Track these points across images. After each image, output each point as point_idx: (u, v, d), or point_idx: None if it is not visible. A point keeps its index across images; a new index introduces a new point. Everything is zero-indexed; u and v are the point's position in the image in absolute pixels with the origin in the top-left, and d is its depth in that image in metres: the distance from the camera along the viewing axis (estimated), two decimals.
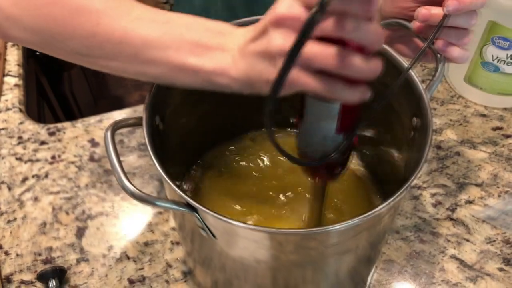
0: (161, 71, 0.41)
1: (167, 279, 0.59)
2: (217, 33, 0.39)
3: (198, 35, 0.39)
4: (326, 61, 0.33)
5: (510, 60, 0.69)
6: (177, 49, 0.39)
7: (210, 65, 0.38)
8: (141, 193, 0.41)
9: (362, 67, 0.33)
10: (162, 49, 0.39)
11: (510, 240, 0.63)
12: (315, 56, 0.33)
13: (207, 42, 0.39)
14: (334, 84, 0.34)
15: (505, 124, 0.75)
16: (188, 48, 0.39)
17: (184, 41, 0.39)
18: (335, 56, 0.33)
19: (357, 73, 0.33)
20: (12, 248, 0.61)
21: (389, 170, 0.57)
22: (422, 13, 0.49)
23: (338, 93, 0.35)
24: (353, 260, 0.49)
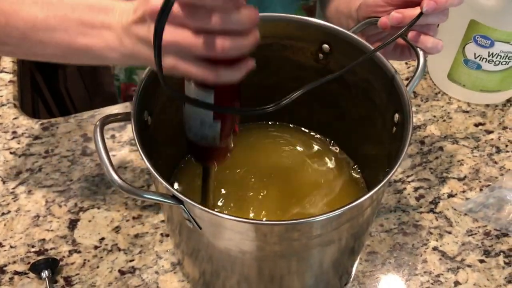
0: (52, 52, 0.43)
1: (157, 270, 0.61)
2: (100, 11, 0.41)
3: (82, 14, 0.41)
4: (197, 48, 0.35)
5: (491, 58, 0.70)
6: (65, 30, 0.41)
7: (99, 43, 0.40)
8: (129, 185, 0.42)
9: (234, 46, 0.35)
10: (49, 31, 0.41)
11: (491, 232, 0.64)
12: (188, 44, 0.35)
13: (92, 20, 0.40)
14: (214, 69, 0.36)
15: (487, 120, 0.76)
16: (75, 28, 0.41)
17: (70, 21, 0.41)
18: (205, 42, 0.35)
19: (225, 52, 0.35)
20: (6, 240, 0.63)
21: (372, 164, 0.59)
22: (395, 17, 0.50)
23: (220, 76, 0.37)
24: (336, 252, 0.50)
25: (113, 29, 0.40)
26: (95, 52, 0.41)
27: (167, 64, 0.37)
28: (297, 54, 0.57)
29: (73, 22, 0.41)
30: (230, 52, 0.35)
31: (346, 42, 0.53)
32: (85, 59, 0.43)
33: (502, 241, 0.64)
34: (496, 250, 0.63)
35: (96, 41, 0.41)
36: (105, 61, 0.42)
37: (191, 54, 0.36)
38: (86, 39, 0.41)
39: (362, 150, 0.62)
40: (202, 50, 0.35)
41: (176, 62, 0.37)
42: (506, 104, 0.79)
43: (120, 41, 0.39)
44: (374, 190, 0.41)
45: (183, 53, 0.36)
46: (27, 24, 0.42)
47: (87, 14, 0.41)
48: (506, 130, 0.75)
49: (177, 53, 0.36)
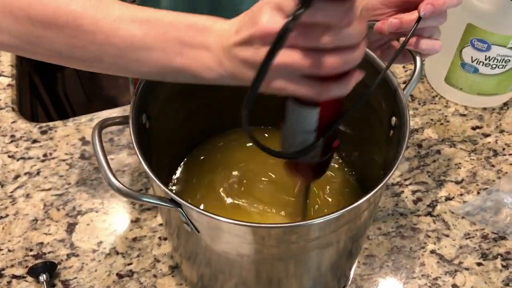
0: (148, 70, 0.41)
1: (155, 273, 0.61)
2: (200, 30, 0.39)
3: (181, 34, 0.39)
4: (308, 68, 0.34)
5: (488, 61, 0.71)
6: (162, 50, 0.40)
7: (196, 64, 0.39)
8: (127, 189, 0.42)
9: (344, 62, 0.34)
10: (147, 50, 0.40)
11: (488, 235, 0.65)
12: (298, 65, 0.34)
13: (191, 40, 0.39)
14: (323, 85, 0.35)
15: (484, 124, 0.77)
16: (173, 48, 0.39)
17: (168, 41, 0.39)
18: (316, 62, 0.34)
19: (336, 69, 0.34)
20: (4, 243, 0.63)
21: (370, 168, 0.59)
22: (393, 24, 0.50)
23: (330, 93, 0.36)
24: (334, 254, 0.50)
25: (212, 50, 0.39)
26: (192, 73, 0.40)
27: (276, 86, 0.36)
28: None
29: (171, 41, 0.40)
30: (342, 68, 0.35)
31: None
32: (181, 79, 0.41)
33: (499, 244, 0.64)
34: (494, 253, 0.63)
35: (194, 61, 0.39)
36: (202, 81, 0.41)
37: (300, 74, 0.35)
38: (183, 59, 0.40)
39: (359, 154, 0.62)
40: (313, 69, 0.34)
41: (285, 84, 0.36)
42: (503, 107, 0.79)
43: (219, 62, 0.38)
44: (371, 193, 0.42)
45: (292, 74, 0.35)
46: (125, 42, 0.40)
47: (186, 34, 0.39)
48: (503, 134, 0.76)
49: (286, 74, 0.35)
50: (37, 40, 0.42)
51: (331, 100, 0.37)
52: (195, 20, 0.40)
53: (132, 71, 0.43)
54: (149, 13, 0.41)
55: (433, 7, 0.47)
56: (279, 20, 0.33)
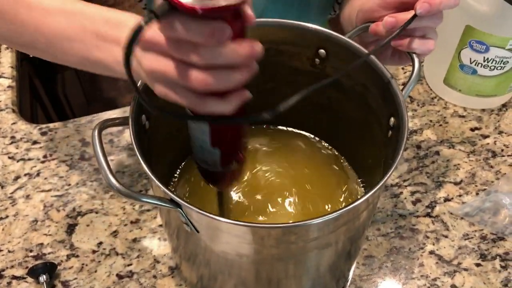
0: (72, 60, 0.45)
1: (154, 274, 0.61)
2: (115, 25, 0.42)
3: (98, 27, 0.42)
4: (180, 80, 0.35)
5: (487, 63, 0.71)
6: (81, 42, 0.43)
7: (109, 57, 0.42)
8: (127, 189, 0.42)
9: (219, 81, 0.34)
10: (69, 41, 0.43)
11: (487, 236, 0.65)
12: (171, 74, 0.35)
13: (106, 34, 0.42)
14: (203, 99, 0.36)
15: (483, 125, 0.77)
16: (91, 41, 0.42)
17: (86, 33, 0.42)
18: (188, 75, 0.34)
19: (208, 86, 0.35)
20: (4, 244, 0.63)
21: (368, 168, 0.59)
22: (389, 22, 0.50)
23: (209, 107, 0.36)
24: (333, 255, 0.51)
25: (122, 44, 0.40)
26: (106, 66, 0.42)
27: (158, 91, 0.38)
28: (293, 59, 0.58)
29: (89, 34, 0.42)
30: (215, 86, 0.35)
31: (342, 47, 0.53)
32: (99, 70, 0.44)
33: (498, 245, 0.64)
34: (493, 254, 0.63)
35: (107, 55, 0.42)
36: (115, 74, 0.43)
37: (178, 83, 0.36)
38: (99, 53, 0.42)
39: (358, 154, 0.62)
40: (184, 81, 0.35)
41: (165, 91, 0.37)
42: (501, 108, 0.79)
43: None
44: (370, 193, 0.42)
45: (170, 82, 0.36)
46: (51, 32, 0.44)
47: (102, 28, 0.42)
48: (502, 135, 0.76)
49: (165, 81, 0.37)
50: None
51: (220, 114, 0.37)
52: (113, 15, 0.42)
53: (61, 59, 0.46)
54: (77, 5, 0.44)
55: (429, 6, 0.47)
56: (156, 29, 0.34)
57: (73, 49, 0.44)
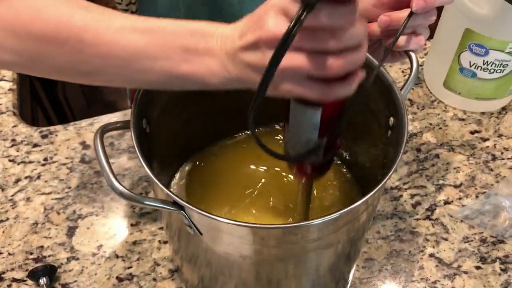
0: (154, 79, 0.41)
1: (154, 277, 0.61)
2: (202, 36, 0.39)
3: (184, 41, 0.39)
4: (314, 70, 0.34)
5: (486, 66, 0.71)
6: (166, 58, 0.40)
7: (201, 70, 0.39)
8: (130, 192, 0.42)
9: (350, 63, 0.35)
10: (151, 59, 0.40)
11: (487, 239, 0.65)
12: (304, 67, 0.34)
13: (195, 47, 0.39)
14: (329, 86, 0.36)
15: (482, 128, 0.77)
16: (177, 56, 0.39)
17: (172, 48, 0.39)
18: (322, 64, 0.34)
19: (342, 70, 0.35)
20: (4, 247, 0.63)
21: (369, 169, 0.60)
22: (383, 21, 0.50)
23: (336, 92, 0.36)
24: (333, 256, 0.51)
25: (216, 55, 0.39)
26: (197, 79, 0.40)
27: (283, 89, 0.36)
28: None
29: (175, 49, 0.40)
30: (347, 69, 0.35)
31: None
32: (187, 86, 0.41)
33: (498, 248, 0.64)
34: (492, 257, 0.63)
35: (199, 67, 0.39)
36: (208, 86, 0.40)
37: (306, 76, 0.35)
38: (188, 66, 0.40)
39: (357, 155, 0.63)
40: (319, 71, 0.35)
41: (292, 87, 0.36)
42: (501, 112, 0.80)
43: (224, 67, 0.38)
44: (369, 194, 0.42)
45: (298, 76, 0.36)
46: (128, 53, 0.40)
47: (189, 41, 0.39)
48: (501, 138, 0.76)
49: (292, 77, 0.36)
50: (40, 57, 0.42)
51: (334, 100, 0.38)
52: (197, 26, 0.40)
53: (138, 81, 0.43)
54: (151, 22, 0.41)
55: (425, 3, 0.48)
56: (285, 24, 0.33)
57: (155, 67, 0.40)
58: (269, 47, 0.34)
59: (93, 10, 0.41)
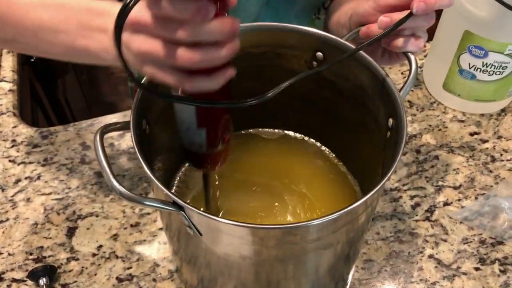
0: (57, 51, 0.46)
1: (154, 277, 0.61)
2: (98, 14, 0.43)
3: (81, 17, 0.43)
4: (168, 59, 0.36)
5: (486, 68, 0.71)
6: (65, 32, 0.44)
7: (96, 45, 0.43)
8: (130, 193, 0.42)
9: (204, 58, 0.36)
10: (54, 32, 0.44)
11: (486, 240, 0.65)
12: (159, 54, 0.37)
13: (90, 23, 0.43)
14: (190, 77, 0.37)
15: (482, 130, 0.77)
16: (75, 30, 0.43)
17: (71, 23, 0.44)
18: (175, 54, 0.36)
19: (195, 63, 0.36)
20: (4, 247, 0.63)
21: (368, 170, 0.60)
22: (384, 21, 0.51)
23: (196, 85, 0.38)
24: (332, 257, 0.51)
25: (108, 32, 0.42)
26: (93, 54, 0.44)
27: (146, 72, 0.39)
28: (291, 62, 0.58)
29: (73, 24, 0.44)
30: (201, 63, 0.36)
31: (339, 49, 0.54)
32: (85, 59, 0.46)
33: (497, 249, 0.64)
34: (492, 258, 0.63)
35: (93, 43, 0.43)
36: (102, 62, 0.45)
37: (166, 63, 0.37)
38: (84, 41, 0.43)
39: (357, 157, 0.63)
40: (172, 60, 0.36)
41: (153, 71, 0.38)
42: (500, 113, 0.80)
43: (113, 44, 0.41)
44: (369, 194, 0.42)
45: (159, 62, 0.38)
46: (35, 25, 0.45)
47: (86, 17, 0.43)
48: (500, 139, 0.76)
49: (153, 62, 0.38)
50: None
51: (208, 93, 0.39)
52: (95, 4, 0.43)
53: (44, 52, 0.48)
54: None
55: (425, 5, 0.48)
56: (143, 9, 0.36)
57: (57, 40, 0.45)
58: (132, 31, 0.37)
59: None
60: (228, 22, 0.36)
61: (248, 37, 0.55)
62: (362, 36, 0.55)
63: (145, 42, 0.37)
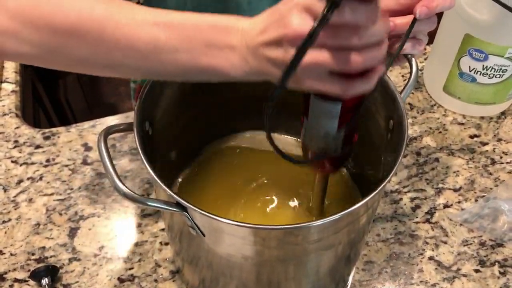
0: (173, 71, 0.42)
1: (156, 278, 0.61)
2: (223, 30, 0.40)
3: (205, 34, 0.40)
4: (336, 66, 0.35)
5: (486, 71, 0.72)
6: (187, 51, 0.40)
7: (222, 63, 0.40)
8: (133, 193, 0.43)
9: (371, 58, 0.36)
10: (171, 52, 0.40)
11: (486, 242, 0.65)
12: (327, 64, 0.35)
13: (215, 40, 0.40)
14: (350, 82, 0.37)
15: (482, 132, 0.78)
16: (197, 49, 0.40)
17: (193, 42, 0.40)
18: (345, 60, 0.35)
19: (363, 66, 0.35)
20: (6, 247, 0.63)
21: (368, 172, 0.60)
22: None
23: (357, 88, 0.37)
24: (333, 259, 0.51)
25: (236, 48, 0.39)
26: (218, 71, 0.41)
27: (305, 84, 0.37)
28: None
29: (196, 43, 0.40)
30: (368, 65, 0.36)
31: None
32: (207, 77, 0.42)
33: (497, 251, 0.65)
34: (491, 260, 0.64)
35: (220, 61, 0.40)
36: (228, 79, 0.41)
37: (328, 72, 0.36)
38: (209, 59, 0.40)
39: (358, 159, 0.63)
40: (342, 67, 0.35)
41: (313, 82, 0.37)
42: (500, 116, 0.80)
43: (245, 61, 0.39)
44: (370, 196, 0.42)
45: (320, 72, 0.36)
46: (148, 46, 0.41)
47: (209, 34, 0.40)
48: (500, 142, 0.76)
49: (314, 72, 0.36)
50: (59, 49, 0.42)
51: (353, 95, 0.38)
52: (217, 20, 0.41)
53: (156, 74, 0.44)
54: (172, 16, 0.41)
55: (427, 9, 0.49)
56: (309, 22, 0.34)
57: (175, 60, 0.41)
58: (292, 44, 0.35)
59: (114, 3, 0.41)
60: (386, 21, 0.36)
61: None
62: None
63: (311, 54, 0.34)
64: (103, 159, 0.44)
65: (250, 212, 0.61)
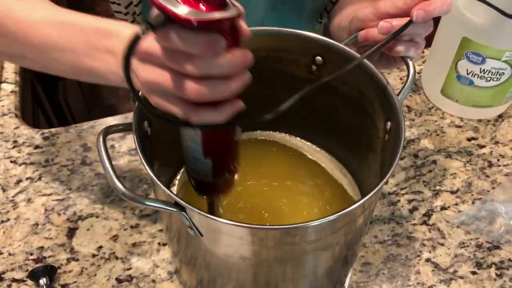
0: (65, 69, 0.45)
1: (154, 278, 0.61)
2: (106, 35, 0.42)
3: (89, 37, 0.42)
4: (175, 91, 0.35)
5: (483, 74, 0.72)
6: (72, 51, 0.43)
7: (102, 66, 0.42)
8: (132, 193, 0.43)
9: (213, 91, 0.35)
10: (60, 51, 0.43)
11: (483, 245, 0.66)
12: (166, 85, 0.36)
13: (98, 44, 0.42)
14: (196, 109, 0.36)
15: (479, 135, 0.78)
16: (82, 51, 0.43)
17: (78, 43, 0.43)
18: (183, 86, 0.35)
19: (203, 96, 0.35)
20: (5, 247, 0.63)
21: (366, 173, 0.60)
22: (384, 27, 0.51)
23: (203, 117, 0.36)
24: (330, 260, 0.51)
25: (116, 54, 0.41)
26: (99, 74, 0.43)
27: (153, 102, 0.38)
28: (291, 66, 0.59)
29: (80, 44, 0.43)
30: (209, 97, 0.35)
31: (338, 54, 0.55)
32: (91, 79, 0.45)
33: (494, 253, 0.65)
34: (488, 262, 0.64)
35: (100, 64, 0.42)
36: (108, 82, 0.44)
37: (173, 93, 0.36)
38: (91, 61, 0.43)
39: (355, 160, 0.63)
40: (179, 92, 0.35)
41: (160, 101, 0.37)
42: (498, 119, 0.81)
43: (120, 66, 0.40)
44: (366, 197, 0.43)
45: (164, 92, 0.37)
46: (42, 43, 0.44)
47: (94, 37, 0.42)
48: (498, 145, 0.77)
49: (161, 92, 0.37)
50: None
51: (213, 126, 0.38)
52: (104, 24, 0.42)
53: (51, 69, 0.47)
54: (67, 16, 0.44)
55: (424, 12, 0.49)
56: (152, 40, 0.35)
57: (64, 58, 0.44)
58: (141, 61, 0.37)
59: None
60: (239, 55, 0.35)
61: (248, 42, 0.55)
62: (361, 40, 0.56)
63: (153, 72, 0.36)
64: (102, 158, 0.44)
65: (249, 212, 0.61)
